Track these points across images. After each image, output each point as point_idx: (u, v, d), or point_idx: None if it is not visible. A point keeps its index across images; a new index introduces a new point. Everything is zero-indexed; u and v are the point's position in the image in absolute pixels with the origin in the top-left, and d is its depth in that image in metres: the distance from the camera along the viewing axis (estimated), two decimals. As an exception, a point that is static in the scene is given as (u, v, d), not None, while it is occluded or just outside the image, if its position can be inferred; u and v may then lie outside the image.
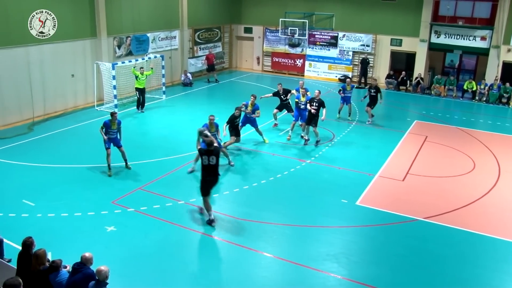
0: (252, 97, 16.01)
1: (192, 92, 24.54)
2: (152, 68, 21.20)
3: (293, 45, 29.50)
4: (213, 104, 21.97)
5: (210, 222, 10.97)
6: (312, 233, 10.85)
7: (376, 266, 9.63)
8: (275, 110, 18.29)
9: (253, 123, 16.25)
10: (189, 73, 26.36)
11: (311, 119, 16.07)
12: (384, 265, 9.69)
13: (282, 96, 18.01)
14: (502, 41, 23.79)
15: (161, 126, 18.62)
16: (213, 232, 10.71)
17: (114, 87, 19.85)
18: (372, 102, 19.43)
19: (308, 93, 17.29)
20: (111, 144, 13.60)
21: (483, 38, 24.23)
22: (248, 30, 31.13)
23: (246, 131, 17.35)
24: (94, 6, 20.65)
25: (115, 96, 19.97)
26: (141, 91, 20.06)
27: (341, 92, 19.70)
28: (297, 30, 28.38)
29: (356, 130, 18.70)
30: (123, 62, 20.83)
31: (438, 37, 25.27)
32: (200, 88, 25.51)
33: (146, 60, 22.40)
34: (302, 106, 16.84)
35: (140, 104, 20.20)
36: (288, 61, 30.00)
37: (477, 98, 24.41)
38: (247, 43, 31.52)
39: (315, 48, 28.83)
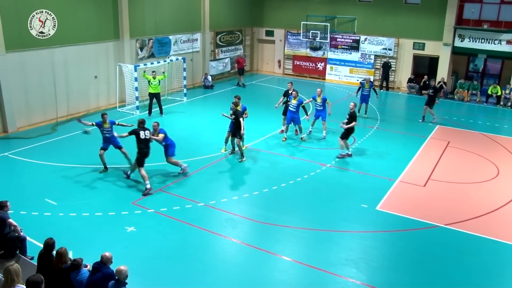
0: (235, 98, 15.62)
1: (213, 95, 24.64)
2: (164, 72, 20.98)
3: (314, 49, 29.41)
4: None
5: (146, 192, 12.40)
6: (332, 238, 10.77)
7: (396, 273, 9.51)
8: (283, 116, 17.81)
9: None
10: (210, 75, 26.48)
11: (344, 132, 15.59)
12: (403, 272, 9.56)
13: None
14: (528, 45, 23.36)
15: (182, 128, 18.71)
16: (232, 234, 10.73)
17: (136, 89, 20.05)
18: (430, 101, 20.15)
19: (298, 95, 16.84)
20: (109, 145, 13.80)
21: (509, 42, 23.79)
22: (270, 33, 31.16)
23: (261, 137, 17.41)
24: (118, 9, 20.92)
25: (136, 98, 20.16)
26: (156, 96, 19.88)
27: (358, 91, 20.81)
28: (319, 34, 28.30)
29: (377, 134, 18.53)
30: (145, 64, 21.03)
31: (462, 41, 24.92)
32: (221, 90, 25.59)
33: (168, 63, 22.57)
34: (292, 109, 16.69)
35: (159, 109, 20.20)
36: (309, 64, 29.91)
37: (501, 103, 24.00)
38: (269, 46, 31.53)
39: (337, 52, 28.71)
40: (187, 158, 15.07)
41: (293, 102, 16.67)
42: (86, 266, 7.72)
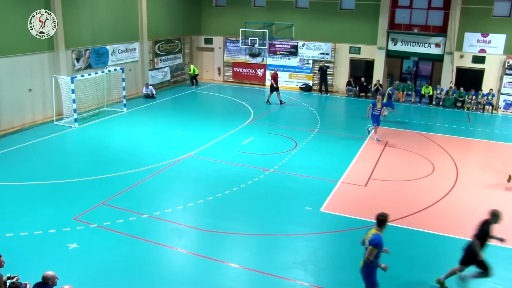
0: None
1: (154, 104, 24.28)
2: None
3: (253, 55, 29.68)
4: (175, 116, 21.82)
5: None
6: (278, 242, 10.87)
7: (343, 272, 9.72)
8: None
9: None
10: (151, 85, 26.08)
11: None
12: (351, 271, 9.71)
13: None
14: (455, 47, 24.70)
15: (123, 139, 18.34)
16: (178, 245, 10.60)
17: (74, 101, 19.45)
18: None
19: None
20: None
21: (437, 45, 25.05)
22: (209, 41, 31.16)
23: (204, 144, 17.36)
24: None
25: (74, 110, 19.56)
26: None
27: (370, 110, 18.75)
28: (257, 40, 28.60)
29: (318, 137, 18.91)
30: (82, 76, 20.46)
31: (395, 45, 25.96)
32: (162, 100, 25.27)
33: (106, 73, 22.07)
34: (376, 113, 18.54)
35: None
36: (249, 71, 30.15)
37: (434, 103, 25.16)
38: (208, 53, 31.51)
39: (276, 58, 29.10)
40: (129, 170, 14.78)
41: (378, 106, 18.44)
42: (26, 285, 7.40)
